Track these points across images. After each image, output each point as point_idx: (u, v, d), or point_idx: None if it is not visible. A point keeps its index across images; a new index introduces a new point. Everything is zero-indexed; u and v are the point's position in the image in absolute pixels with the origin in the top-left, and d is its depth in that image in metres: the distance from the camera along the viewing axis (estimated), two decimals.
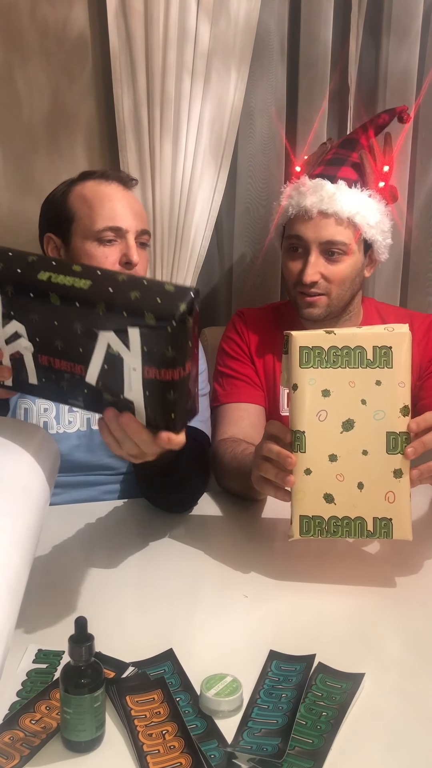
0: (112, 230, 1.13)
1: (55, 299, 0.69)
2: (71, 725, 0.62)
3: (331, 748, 0.62)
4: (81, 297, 0.68)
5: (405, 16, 1.63)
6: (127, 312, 0.67)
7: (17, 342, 0.74)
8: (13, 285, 0.71)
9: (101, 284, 0.69)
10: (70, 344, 0.71)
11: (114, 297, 0.68)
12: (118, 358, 0.69)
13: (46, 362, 0.74)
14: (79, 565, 0.95)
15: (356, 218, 1.27)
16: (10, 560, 0.66)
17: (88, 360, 0.71)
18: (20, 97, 1.51)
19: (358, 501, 0.90)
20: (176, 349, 0.67)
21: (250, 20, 1.51)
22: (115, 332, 0.68)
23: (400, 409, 0.91)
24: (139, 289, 0.68)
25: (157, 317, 0.66)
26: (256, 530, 1.10)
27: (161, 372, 0.68)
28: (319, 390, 0.90)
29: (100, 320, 0.68)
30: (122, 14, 1.45)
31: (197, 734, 0.64)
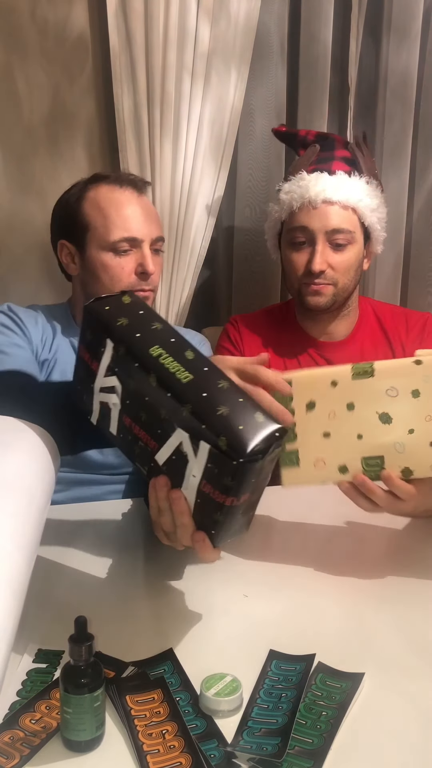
0: (127, 241, 1.14)
1: (153, 380, 0.70)
2: (71, 725, 0.62)
3: (331, 747, 0.62)
4: (174, 389, 0.68)
5: (405, 16, 1.63)
6: (207, 425, 0.66)
7: (110, 396, 0.75)
8: (126, 347, 0.72)
9: (199, 384, 0.69)
10: (152, 421, 0.71)
11: (202, 404, 0.67)
12: (185, 458, 0.69)
13: (128, 424, 0.75)
14: (79, 565, 0.95)
15: (360, 205, 1.29)
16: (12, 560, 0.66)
17: (162, 443, 0.71)
18: (20, 97, 1.51)
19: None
20: (236, 482, 0.66)
21: (250, 20, 1.51)
22: (190, 436, 0.68)
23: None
24: (229, 406, 0.67)
25: (229, 445, 0.65)
26: (256, 530, 1.10)
27: (215, 492, 0.67)
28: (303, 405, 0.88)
29: (182, 419, 0.68)
30: (122, 14, 1.45)
31: (197, 734, 0.64)
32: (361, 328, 1.42)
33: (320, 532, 1.09)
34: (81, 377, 0.79)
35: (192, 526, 0.72)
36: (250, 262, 1.73)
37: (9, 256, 1.57)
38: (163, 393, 0.69)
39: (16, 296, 1.49)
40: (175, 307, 1.63)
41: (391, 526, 1.10)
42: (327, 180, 1.30)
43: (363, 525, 1.10)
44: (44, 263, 1.60)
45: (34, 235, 1.57)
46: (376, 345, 1.41)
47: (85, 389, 0.78)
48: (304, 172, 1.33)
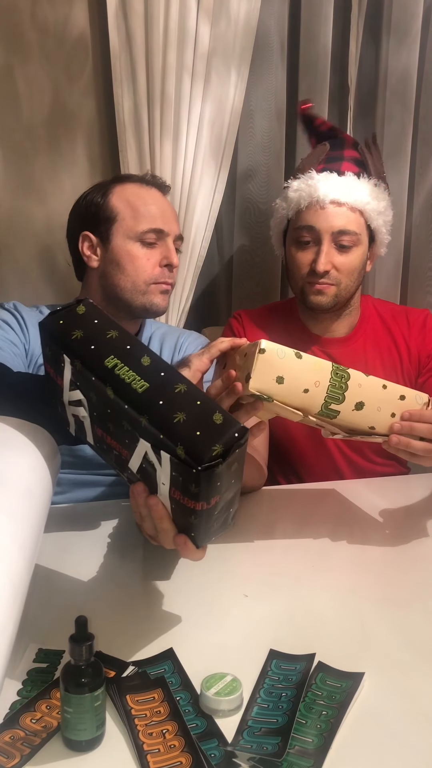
0: (155, 232, 1.17)
1: (110, 392, 0.69)
2: (72, 724, 0.62)
3: (331, 747, 0.62)
4: (131, 400, 0.67)
5: (405, 16, 1.63)
6: (164, 434, 0.65)
7: (78, 408, 0.75)
8: (82, 361, 0.71)
9: (155, 392, 0.68)
10: (119, 432, 0.71)
11: (158, 414, 0.66)
12: (153, 466, 0.68)
13: (100, 434, 0.74)
14: (79, 565, 0.95)
15: (367, 207, 1.29)
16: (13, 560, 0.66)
17: (132, 452, 0.70)
18: (20, 97, 1.51)
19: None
20: (200, 488, 0.64)
21: (250, 20, 1.51)
22: (151, 446, 0.67)
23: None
24: (186, 411, 0.66)
25: (187, 453, 0.63)
26: (256, 530, 1.10)
27: (184, 498, 0.67)
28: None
29: (142, 429, 0.67)
30: (122, 14, 1.45)
31: (197, 733, 0.64)
32: (363, 326, 1.42)
33: (320, 532, 1.09)
34: (52, 391, 0.79)
35: (172, 530, 0.72)
36: (250, 262, 1.73)
37: (9, 256, 1.57)
38: (121, 404, 0.68)
39: (16, 296, 1.49)
40: (175, 307, 1.63)
41: (391, 527, 1.10)
42: (336, 181, 1.30)
43: (363, 525, 1.10)
44: (44, 263, 1.60)
45: (34, 235, 1.57)
46: (379, 341, 1.41)
47: (58, 402, 0.79)
48: (313, 171, 1.33)
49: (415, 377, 1.41)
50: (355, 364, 1.39)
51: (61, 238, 1.26)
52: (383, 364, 1.40)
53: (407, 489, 1.21)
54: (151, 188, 1.21)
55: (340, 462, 1.39)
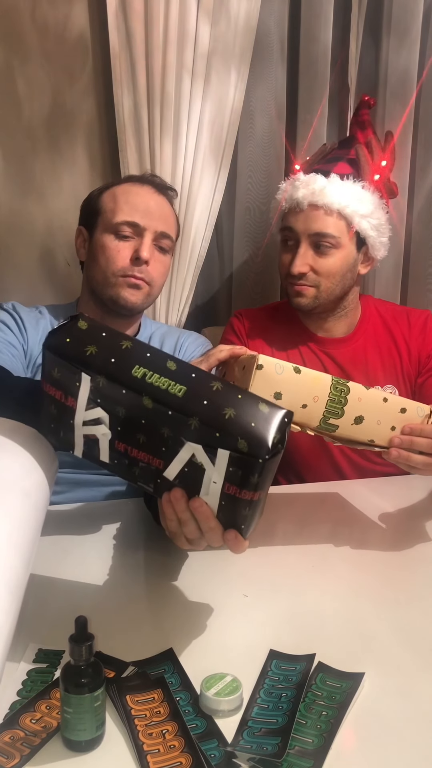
0: (129, 225, 1.16)
1: (148, 402, 0.67)
2: (71, 725, 0.62)
3: (331, 747, 0.62)
4: (175, 405, 0.67)
5: (405, 16, 1.63)
6: (220, 432, 0.65)
7: (96, 427, 0.72)
8: (105, 377, 0.69)
9: (195, 393, 0.67)
10: (153, 441, 0.70)
11: (208, 413, 0.66)
12: (201, 468, 0.68)
13: (123, 449, 0.72)
14: (79, 565, 0.95)
15: (346, 210, 1.29)
16: (10, 561, 0.66)
17: (170, 459, 0.69)
18: (20, 97, 1.51)
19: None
20: (262, 477, 0.66)
21: (250, 20, 1.51)
22: (203, 446, 0.66)
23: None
24: (233, 406, 0.66)
25: (251, 445, 0.65)
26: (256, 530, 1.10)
27: (242, 492, 0.67)
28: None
29: (190, 432, 0.66)
30: (122, 14, 1.45)
31: (197, 734, 0.64)
32: (363, 326, 1.42)
33: (321, 532, 1.09)
34: (53, 415, 0.75)
35: (220, 528, 0.71)
36: (249, 261, 1.73)
37: (9, 256, 1.57)
38: (163, 411, 0.67)
39: (16, 296, 1.49)
40: (175, 307, 1.63)
41: (391, 528, 1.10)
42: (318, 183, 1.30)
43: (363, 525, 1.10)
44: (44, 263, 1.60)
45: (34, 235, 1.57)
46: (379, 342, 1.41)
47: (61, 426, 0.75)
48: (300, 173, 1.34)
49: (415, 377, 1.41)
50: (355, 364, 1.39)
51: (60, 238, 1.27)
52: (383, 364, 1.40)
53: (408, 489, 1.21)
54: (144, 186, 1.21)
55: (340, 462, 1.39)
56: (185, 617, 0.84)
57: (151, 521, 1.09)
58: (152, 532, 1.06)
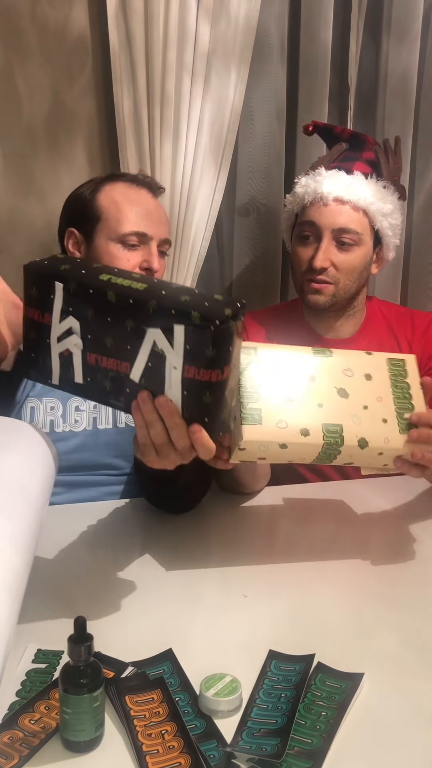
0: (137, 235, 1.16)
1: (112, 296, 0.74)
2: (70, 725, 0.62)
3: (331, 748, 0.62)
4: (135, 295, 0.73)
5: (405, 16, 1.63)
6: (176, 310, 0.71)
7: (69, 339, 0.79)
8: (77, 281, 0.76)
9: (155, 287, 0.74)
10: (119, 341, 0.75)
11: (165, 297, 0.72)
12: (162, 356, 0.73)
13: (94, 361, 0.78)
14: (78, 565, 0.95)
15: (371, 208, 1.29)
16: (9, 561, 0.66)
17: (134, 357, 0.74)
18: (20, 97, 1.51)
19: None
20: (216, 350, 0.70)
21: (250, 20, 1.51)
22: (162, 330, 0.72)
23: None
24: (189, 294, 0.73)
25: (203, 317, 0.70)
26: (256, 530, 1.10)
27: (200, 372, 0.71)
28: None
29: (149, 317, 0.72)
30: (122, 14, 1.45)
31: (196, 734, 0.64)
32: (367, 327, 1.42)
33: (320, 532, 1.09)
34: (33, 340, 0.82)
35: (184, 425, 0.74)
36: (249, 262, 1.73)
37: (9, 256, 1.57)
38: (125, 302, 0.73)
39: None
40: None
41: (391, 528, 1.10)
42: (342, 179, 1.30)
43: (363, 525, 1.10)
44: None
45: (34, 235, 1.57)
46: (382, 343, 1.41)
47: (39, 351, 0.81)
48: (322, 168, 1.33)
49: None
50: None
51: None
52: None
53: (408, 489, 1.21)
54: (141, 189, 1.20)
55: None
56: (185, 617, 0.84)
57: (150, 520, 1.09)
58: (151, 531, 1.06)
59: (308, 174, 1.36)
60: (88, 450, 1.17)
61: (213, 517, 1.13)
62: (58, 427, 1.15)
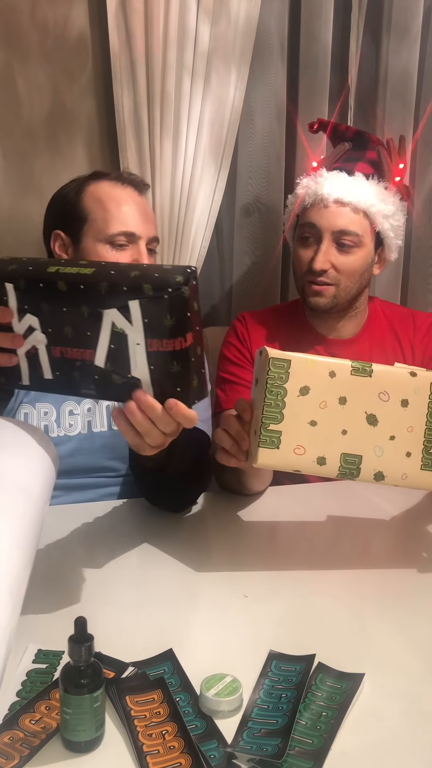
0: (125, 235, 1.15)
1: (62, 285, 0.74)
2: (71, 725, 0.62)
3: (331, 748, 0.62)
4: (85, 280, 0.73)
5: (405, 16, 1.63)
6: (127, 287, 0.71)
7: (32, 336, 0.78)
8: (25, 278, 0.76)
9: (104, 269, 0.74)
10: (78, 329, 0.75)
11: (115, 276, 0.72)
12: (123, 335, 0.73)
13: (59, 353, 0.78)
14: (78, 565, 0.95)
15: (372, 209, 1.29)
16: (11, 561, 0.66)
17: (96, 342, 0.74)
18: (20, 97, 1.51)
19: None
20: (174, 317, 0.71)
21: (250, 20, 1.51)
22: (117, 309, 0.72)
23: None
24: (138, 269, 0.73)
25: (155, 287, 0.70)
26: (256, 530, 1.10)
27: (163, 342, 0.72)
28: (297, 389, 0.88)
29: (103, 299, 0.72)
30: (122, 14, 1.45)
31: (197, 734, 0.64)
32: (369, 328, 1.42)
33: (321, 532, 1.09)
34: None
35: (162, 409, 0.75)
36: (250, 262, 1.73)
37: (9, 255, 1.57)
38: (76, 289, 0.73)
39: None
40: None
41: (391, 528, 1.10)
42: (343, 180, 1.30)
43: (364, 526, 1.10)
44: None
45: (34, 235, 1.57)
46: (384, 344, 1.41)
47: (5, 353, 0.81)
48: (323, 169, 1.33)
49: None
50: None
51: None
52: None
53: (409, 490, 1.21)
54: (126, 187, 1.19)
55: None
56: (185, 617, 0.84)
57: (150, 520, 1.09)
58: (151, 531, 1.06)
59: (309, 175, 1.35)
60: (84, 453, 1.17)
61: (213, 517, 1.13)
62: (53, 431, 1.15)
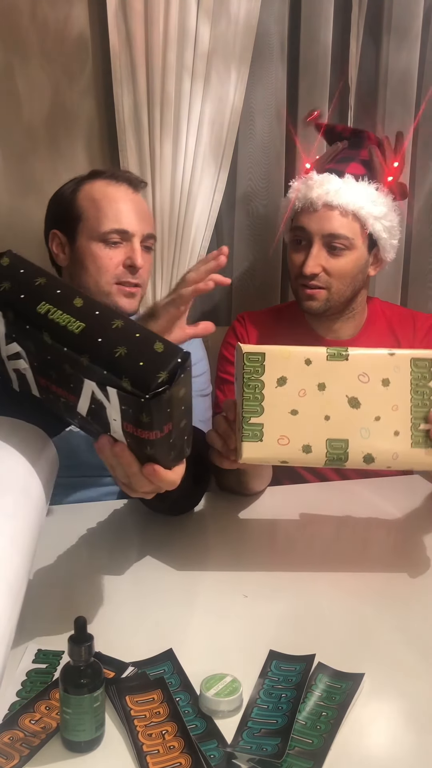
0: (118, 233, 1.14)
1: (47, 338, 0.68)
2: (71, 725, 0.62)
3: (331, 748, 0.62)
4: (69, 342, 0.67)
5: (405, 16, 1.63)
6: (108, 370, 0.65)
7: (18, 361, 0.74)
8: (14, 312, 0.71)
9: (92, 330, 0.68)
10: (62, 377, 0.71)
11: (99, 350, 0.66)
12: (102, 405, 0.68)
13: (44, 384, 0.74)
14: (78, 565, 0.95)
15: (361, 212, 1.28)
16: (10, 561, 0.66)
17: (78, 394, 0.70)
18: (20, 97, 1.51)
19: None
20: (151, 417, 0.65)
21: (250, 20, 1.51)
22: (96, 383, 0.67)
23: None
24: (126, 345, 0.66)
25: (133, 384, 0.64)
26: (256, 530, 1.10)
27: (137, 431, 0.67)
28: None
29: (84, 370, 0.67)
30: (122, 14, 1.45)
31: (197, 734, 0.64)
32: (368, 328, 1.42)
33: (321, 532, 1.09)
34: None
35: (141, 472, 0.71)
36: (249, 262, 1.73)
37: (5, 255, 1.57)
38: (60, 348, 0.68)
39: None
40: None
41: (392, 528, 1.10)
42: (333, 183, 1.29)
43: (364, 526, 1.10)
44: (44, 263, 1.59)
45: (34, 235, 1.57)
46: (383, 345, 1.40)
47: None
48: (314, 172, 1.33)
49: None
50: None
51: None
52: None
53: (409, 489, 1.21)
54: (121, 185, 1.18)
55: None
56: (185, 617, 0.84)
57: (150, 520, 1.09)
58: (151, 531, 1.06)
59: (301, 178, 1.35)
60: (87, 450, 1.17)
61: (213, 517, 1.13)
62: None
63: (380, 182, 1.33)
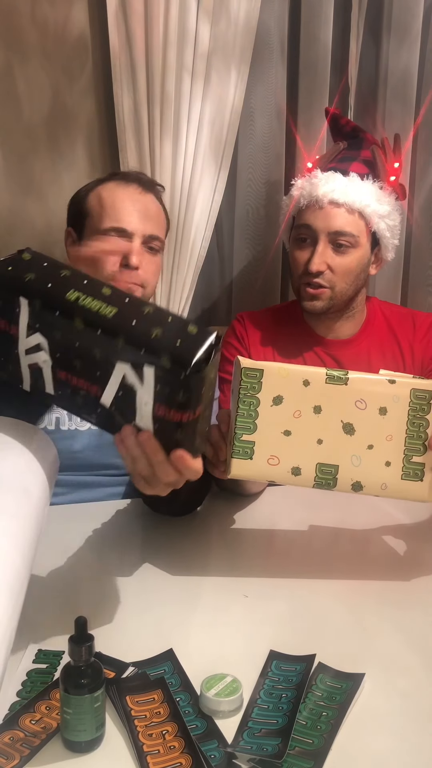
0: (116, 231, 1.14)
1: (79, 323, 0.69)
2: (71, 725, 0.62)
3: (331, 748, 0.62)
4: (104, 325, 0.68)
5: (405, 16, 1.63)
6: (146, 350, 0.67)
7: (37, 354, 0.74)
8: (41, 300, 0.71)
9: (126, 314, 0.69)
10: (88, 366, 0.71)
11: (135, 331, 0.67)
12: (132, 389, 0.69)
13: (64, 377, 0.74)
14: (78, 565, 0.95)
15: (367, 210, 1.29)
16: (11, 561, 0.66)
17: (105, 384, 0.70)
18: (20, 97, 1.51)
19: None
20: (188, 395, 0.67)
21: (250, 20, 1.51)
22: (131, 365, 0.68)
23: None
24: (161, 326, 0.68)
25: (173, 361, 0.66)
26: (257, 530, 1.10)
27: (170, 412, 0.68)
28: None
29: (118, 352, 0.68)
30: (122, 14, 1.45)
31: (197, 734, 0.64)
32: (368, 328, 1.42)
33: (321, 532, 1.09)
34: (1, 347, 0.77)
35: (167, 458, 0.71)
36: (249, 261, 1.73)
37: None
38: (93, 333, 0.68)
39: None
40: (175, 308, 1.63)
41: (392, 528, 1.10)
42: (338, 181, 1.30)
43: (364, 526, 1.10)
44: None
45: (34, 235, 1.57)
46: (383, 344, 1.41)
47: (9, 359, 0.76)
48: (318, 170, 1.33)
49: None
50: (358, 366, 1.38)
51: (60, 237, 1.26)
52: (386, 366, 1.39)
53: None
54: (129, 185, 1.18)
55: None
56: (185, 617, 0.84)
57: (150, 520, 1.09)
58: (152, 531, 1.06)
59: (304, 176, 1.35)
60: (93, 449, 1.17)
61: (214, 517, 1.13)
62: (64, 424, 1.15)
63: (383, 181, 1.33)
